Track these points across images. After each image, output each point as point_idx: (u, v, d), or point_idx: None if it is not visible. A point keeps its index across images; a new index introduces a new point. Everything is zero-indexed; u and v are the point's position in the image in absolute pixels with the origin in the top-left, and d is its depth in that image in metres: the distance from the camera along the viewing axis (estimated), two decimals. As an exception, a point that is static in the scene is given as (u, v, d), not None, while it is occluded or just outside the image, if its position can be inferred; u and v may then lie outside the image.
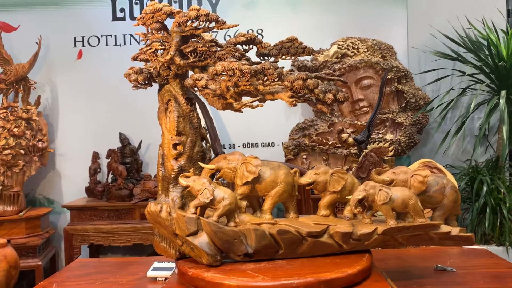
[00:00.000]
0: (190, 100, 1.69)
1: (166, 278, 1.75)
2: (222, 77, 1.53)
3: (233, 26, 1.65)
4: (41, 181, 3.98)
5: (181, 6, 3.91)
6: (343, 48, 3.77)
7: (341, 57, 3.76)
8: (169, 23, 1.63)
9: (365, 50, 3.78)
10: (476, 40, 3.70)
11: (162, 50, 1.65)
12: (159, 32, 1.66)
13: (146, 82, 1.69)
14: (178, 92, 1.68)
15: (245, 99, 1.58)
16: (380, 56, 3.78)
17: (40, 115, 3.77)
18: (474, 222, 3.33)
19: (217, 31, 3.66)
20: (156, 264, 1.94)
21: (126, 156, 3.75)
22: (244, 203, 1.62)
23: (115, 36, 3.94)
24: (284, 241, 1.53)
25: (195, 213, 1.55)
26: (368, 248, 1.60)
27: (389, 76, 3.68)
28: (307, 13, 3.90)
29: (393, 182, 1.65)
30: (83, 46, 3.95)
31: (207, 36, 1.65)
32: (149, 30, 1.67)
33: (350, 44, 3.78)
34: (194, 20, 1.58)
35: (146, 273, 1.84)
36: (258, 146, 3.95)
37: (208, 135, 2.42)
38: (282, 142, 3.85)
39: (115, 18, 3.94)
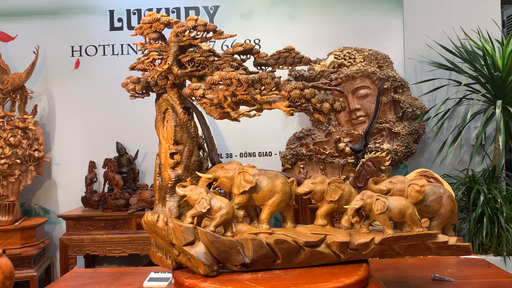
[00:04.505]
0: (187, 109, 1.70)
1: (162, 289, 1.74)
2: (220, 87, 1.53)
3: (230, 36, 1.66)
4: (37, 191, 3.96)
5: (178, 16, 3.93)
6: (340, 58, 3.79)
7: (338, 67, 3.78)
8: (167, 33, 1.64)
9: (362, 60, 3.80)
10: (471, 50, 3.73)
11: (159, 60, 1.66)
12: (156, 42, 1.67)
13: (144, 91, 1.69)
14: (176, 101, 1.68)
15: (242, 108, 1.58)
16: (376, 66, 3.80)
17: (36, 125, 3.76)
18: (472, 231, 3.33)
19: (215, 41, 3.71)
20: (152, 275, 1.92)
21: (123, 165, 3.74)
22: (241, 213, 1.62)
23: (113, 45, 3.95)
24: (281, 251, 1.52)
25: (192, 222, 1.54)
26: (366, 257, 1.59)
27: (385, 86, 3.70)
28: (304, 24, 3.93)
29: (390, 191, 1.65)
30: (81, 55, 3.96)
31: (204, 46, 1.66)
32: (147, 40, 1.67)
33: (347, 54, 3.80)
34: (191, 30, 1.59)
35: (143, 284, 1.83)
36: (255, 156, 3.95)
37: (205, 144, 2.42)
38: (279, 152, 3.86)
39: (112, 28, 3.95)
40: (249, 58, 1.75)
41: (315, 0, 3.93)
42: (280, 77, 1.55)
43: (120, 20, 3.95)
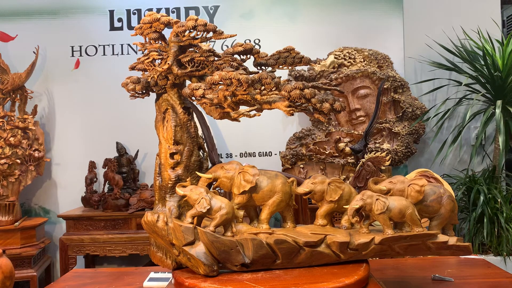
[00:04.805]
0: (187, 109, 1.70)
1: (162, 289, 1.74)
2: (220, 87, 1.53)
3: (230, 36, 1.66)
4: (37, 191, 3.96)
5: (178, 16, 3.93)
6: (340, 58, 3.79)
7: (338, 67, 3.78)
8: (167, 33, 1.64)
9: (362, 60, 3.80)
10: (471, 50, 3.73)
11: (159, 60, 1.66)
12: (156, 42, 1.67)
13: (144, 91, 1.69)
14: (176, 101, 1.68)
15: (242, 108, 1.58)
16: (376, 66, 3.80)
17: (36, 125, 3.76)
18: (472, 231, 3.33)
19: (215, 41, 3.71)
20: (152, 275, 1.92)
21: (123, 165, 3.74)
22: (241, 213, 1.62)
23: (113, 45, 3.95)
24: (281, 251, 1.52)
25: (192, 222, 1.54)
26: (366, 257, 1.59)
27: (385, 86, 3.70)
28: (304, 23, 3.93)
29: (390, 191, 1.65)
30: (81, 55, 3.96)
31: (204, 46, 1.66)
32: (147, 40, 1.67)
33: (347, 54, 3.80)
34: (191, 30, 1.59)
35: (143, 284, 1.83)
36: (255, 156, 3.95)
37: (205, 144, 2.42)
38: (279, 152, 3.86)
39: (112, 28, 3.95)
40: (249, 58, 1.75)
41: (315, 0, 3.93)
42: (280, 77, 1.55)
43: (120, 20, 3.95)
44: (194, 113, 1.75)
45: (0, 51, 3.74)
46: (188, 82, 1.68)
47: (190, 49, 1.67)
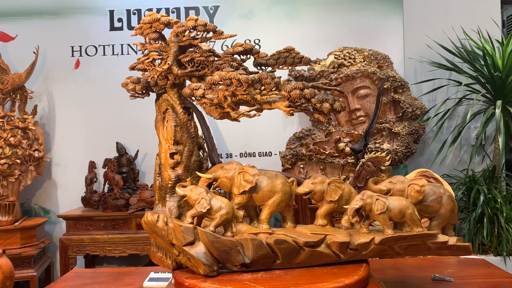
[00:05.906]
0: (187, 109, 1.70)
1: (162, 289, 1.74)
2: (220, 87, 1.53)
3: (230, 36, 1.66)
4: (37, 191, 3.96)
5: (178, 17, 3.93)
6: (340, 58, 3.79)
7: (338, 67, 3.78)
8: (167, 33, 1.64)
9: (362, 60, 3.80)
10: (471, 50, 3.73)
11: (159, 60, 1.66)
12: (156, 42, 1.67)
13: (144, 91, 1.69)
14: (176, 101, 1.68)
15: (242, 108, 1.58)
16: (376, 66, 3.80)
17: (36, 125, 3.76)
18: (472, 231, 3.33)
19: (215, 41, 3.71)
20: (152, 275, 1.92)
21: (123, 165, 3.74)
22: (241, 213, 1.62)
23: (113, 45, 3.95)
24: (281, 251, 1.52)
25: (192, 222, 1.54)
26: (366, 257, 1.59)
27: (385, 86, 3.70)
28: (304, 24, 3.93)
29: (390, 191, 1.65)
30: (81, 55, 3.96)
31: (204, 46, 1.66)
32: (147, 40, 1.67)
33: (347, 54, 3.80)
34: (191, 30, 1.59)
35: (143, 284, 1.83)
36: (255, 156, 3.95)
37: (205, 144, 2.42)
38: (279, 152, 3.86)
39: (112, 28, 3.95)
40: (249, 58, 1.75)
41: (315, 0, 3.93)
42: (280, 77, 1.55)
43: (120, 20, 3.95)
44: (194, 113, 1.75)
45: (0, 51, 3.74)
46: (188, 82, 1.68)
47: (190, 49, 1.67)
